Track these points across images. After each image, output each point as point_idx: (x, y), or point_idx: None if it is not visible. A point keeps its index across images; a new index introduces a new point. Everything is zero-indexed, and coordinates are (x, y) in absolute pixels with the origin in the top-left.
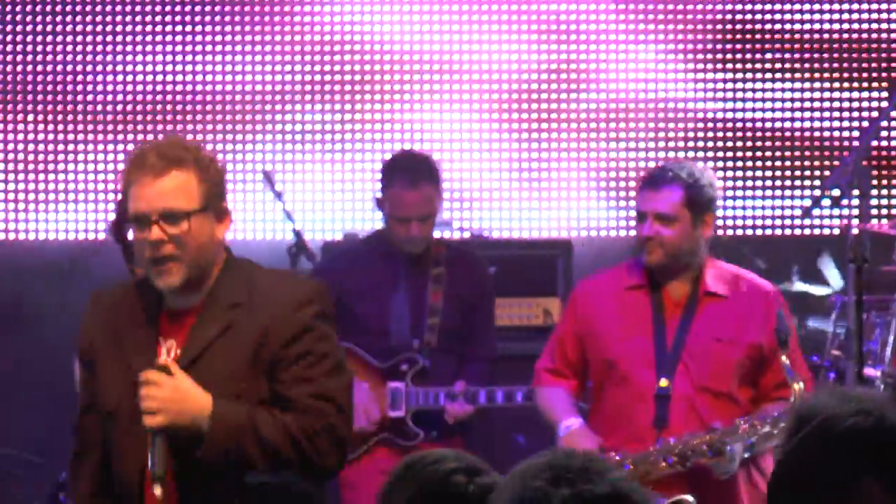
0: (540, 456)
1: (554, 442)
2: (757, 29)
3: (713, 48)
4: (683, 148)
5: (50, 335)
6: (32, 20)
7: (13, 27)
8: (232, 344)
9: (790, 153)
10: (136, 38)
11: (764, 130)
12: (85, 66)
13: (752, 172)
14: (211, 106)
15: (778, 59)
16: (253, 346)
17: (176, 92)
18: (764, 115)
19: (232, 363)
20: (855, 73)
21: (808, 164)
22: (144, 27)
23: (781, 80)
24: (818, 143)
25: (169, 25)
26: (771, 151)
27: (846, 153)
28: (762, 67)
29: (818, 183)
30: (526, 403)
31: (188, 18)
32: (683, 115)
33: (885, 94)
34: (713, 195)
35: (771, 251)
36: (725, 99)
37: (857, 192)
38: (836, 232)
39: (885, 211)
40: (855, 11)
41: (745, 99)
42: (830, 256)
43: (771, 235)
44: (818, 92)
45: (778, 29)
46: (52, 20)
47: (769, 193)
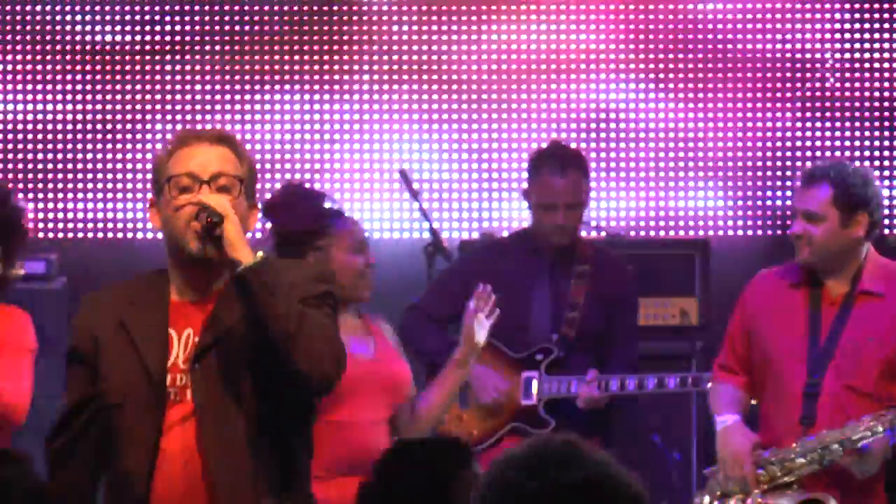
0: (522, 444)
1: (691, 440)
2: None
3: None
4: (841, 147)
5: None
6: None
7: None
8: (251, 332)
9: None
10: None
11: None
12: None
13: None
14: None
15: None
16: None
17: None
18: None
19: (250, 350)
20: None
21: None
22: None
23: None
24: None
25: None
26: None
27: None
28: None
29: None
30: (657, 391)
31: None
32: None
33: None
34: (866, 195)
35: None
36: None
37: None
38: None
39: None
40: None
41: None
42: None
43: None
44: None
45: None
46: None
47: None
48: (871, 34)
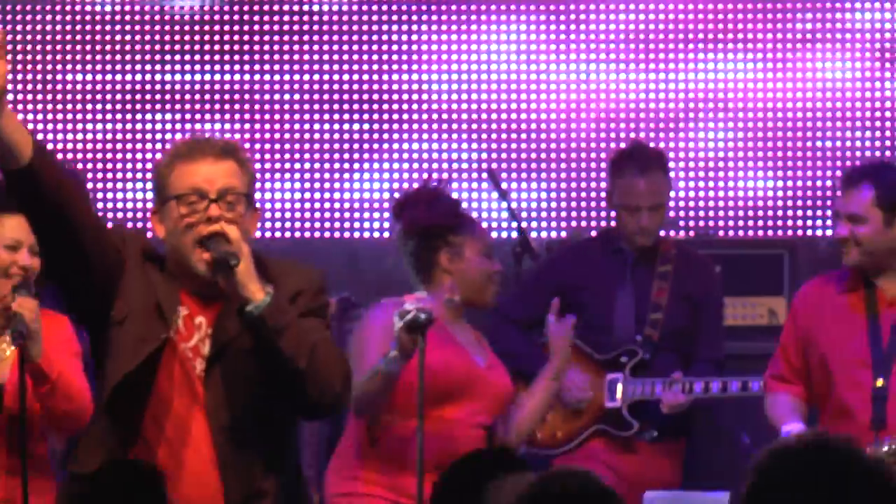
0: (531, 479)
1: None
2: None
3: None
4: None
5: None
6: None
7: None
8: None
9: None
10: (342, 37)
11: None
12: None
13: None
14: (437, 105)
15: None
16: None
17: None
18: None
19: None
20: None
21: None
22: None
23: None
24: None
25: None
26: None
27: None
28: None
29: None
30: (741, 394)
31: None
32: None
33: None
34: None
35: None
36: None
37: None
38: None
39: None
40: None
41: None
42: None
43: None
44: None
45: None
46: None
47: None
48: None
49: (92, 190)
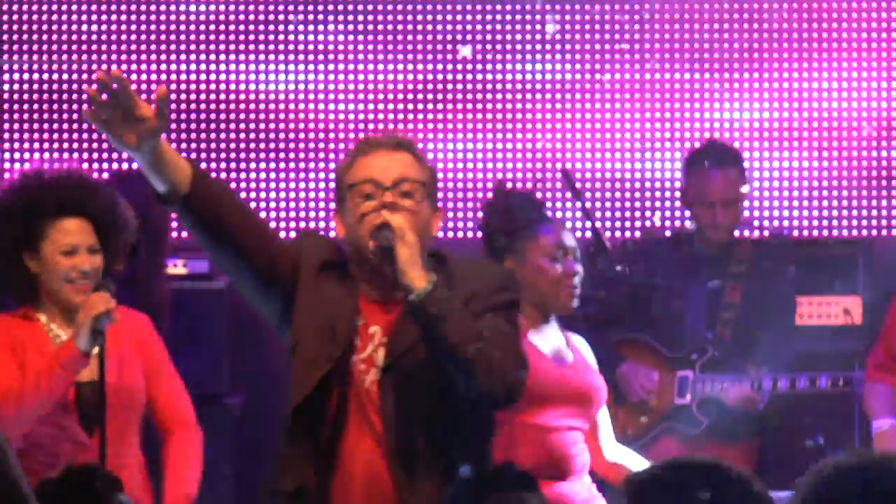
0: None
1: (854, 440)
2: None
3: None
4: None
5: None
6: None
7: None
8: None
9: None
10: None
11: None
12: None
13: None
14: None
15: None
16: None
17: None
18: None
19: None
20: None
21: None
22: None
23: None
24: None
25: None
26: None
27: None
28: None
29: None
30: (809, 391)
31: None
32: None
33: None
34: None
35: None
36: None
37: None
38: None
39: None
40: None
41: None
42: None
43: None
44: None
45: None
46: None
47: None
48: None
49: None
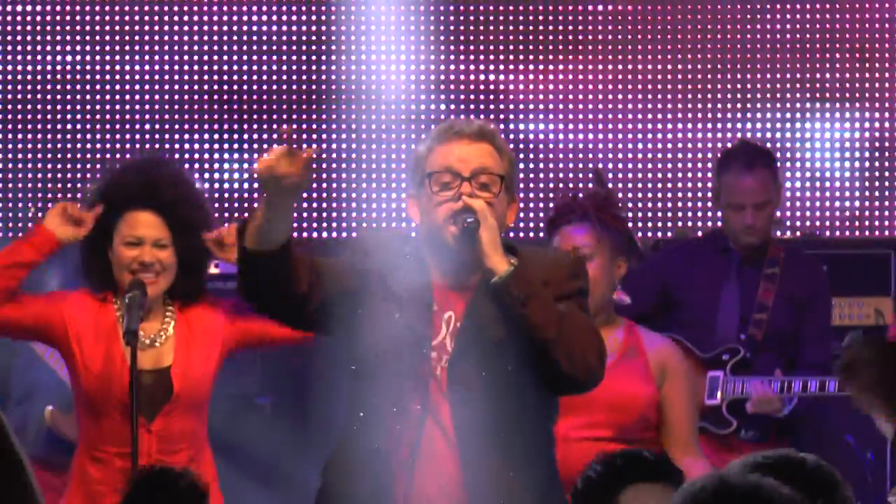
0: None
1: (885, 440)
2: None
3: None
4: None
5: None
6: None
7: None
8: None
9: None
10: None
11: None
12: None
13: None
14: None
15: None
16: None
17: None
18: None
19: (508, 346)
20: None
21: None
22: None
23: None
24: None
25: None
26: None
27: None
28: None
29: None
30: (839, 394)
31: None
32: None
33: None
34: None
35: None
36: None
37: None
38: None
39: None
40: None
41: None
42: None
43: None
44: None
45: None
46: None
47: None
48: None
49: None
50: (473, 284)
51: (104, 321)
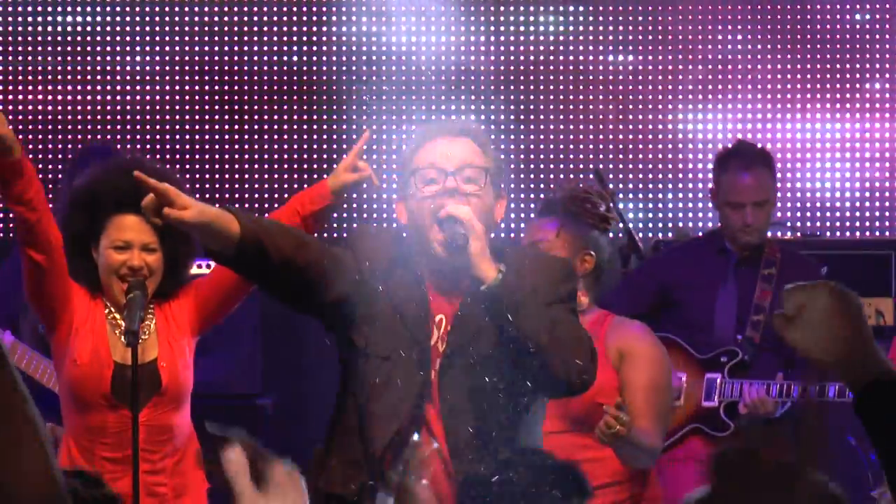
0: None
1: None
2: None
3: None
4: None
5: None
6: None
7: None
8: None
9: None
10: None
11: None
12: None
13: None
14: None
15: None
16: None
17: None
18: None
19: (498, 352)
20: None
21: None
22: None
23: None
24: None
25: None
26: None
27: None
28: None
29: None
30: (839, 400)
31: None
32: None
33: None
34: None
35: None
36: None
37: None
38: None
39: None
40: None
41: None
42: None
43: None
44: None
45: None
46: None
47: None
48: None
49: None
50: (463, 288)
51: (95, 316)
